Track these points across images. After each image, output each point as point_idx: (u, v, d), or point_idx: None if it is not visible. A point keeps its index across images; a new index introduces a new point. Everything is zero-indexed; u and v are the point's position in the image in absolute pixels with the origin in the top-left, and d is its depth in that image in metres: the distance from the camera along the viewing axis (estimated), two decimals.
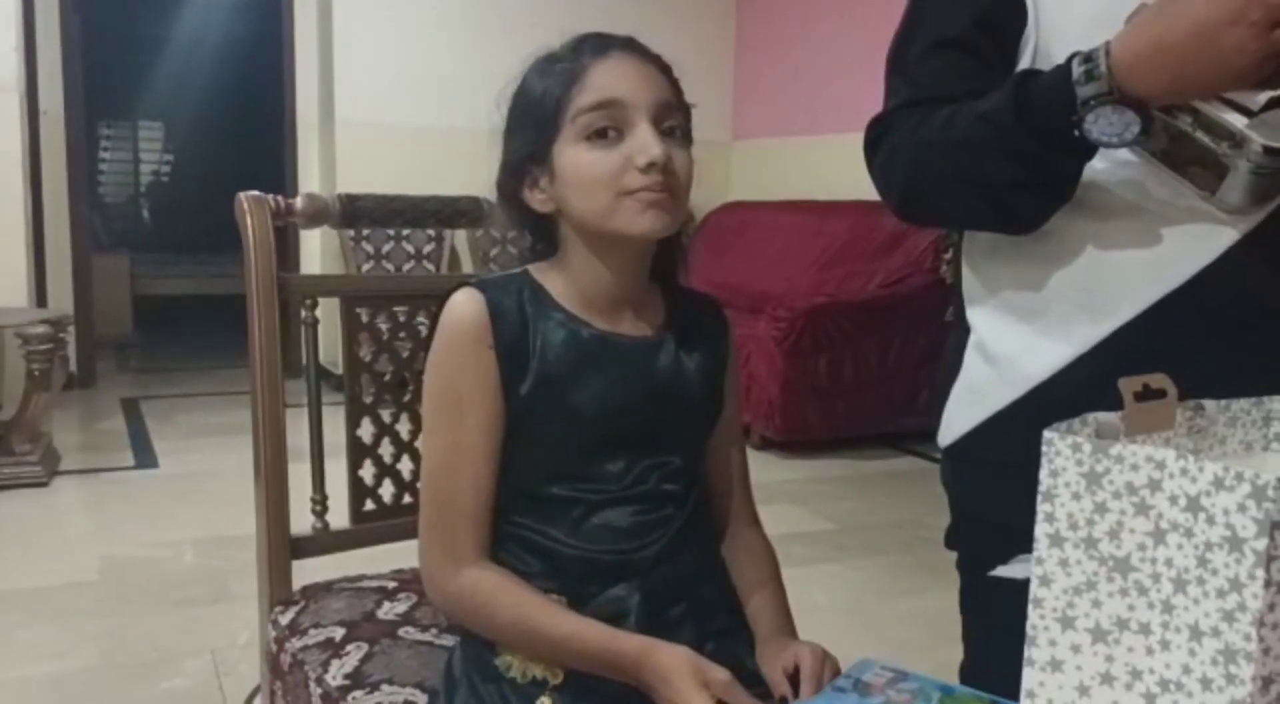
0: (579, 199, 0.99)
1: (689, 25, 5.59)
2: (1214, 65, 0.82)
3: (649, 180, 0.96)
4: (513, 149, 1.03)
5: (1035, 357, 0.99)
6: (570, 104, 0.97)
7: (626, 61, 1.00)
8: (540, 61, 1.03)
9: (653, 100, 0.98)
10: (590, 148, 0.97)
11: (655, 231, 0.98)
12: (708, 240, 5.38)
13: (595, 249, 1.02)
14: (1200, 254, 0.91)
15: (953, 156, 0.98)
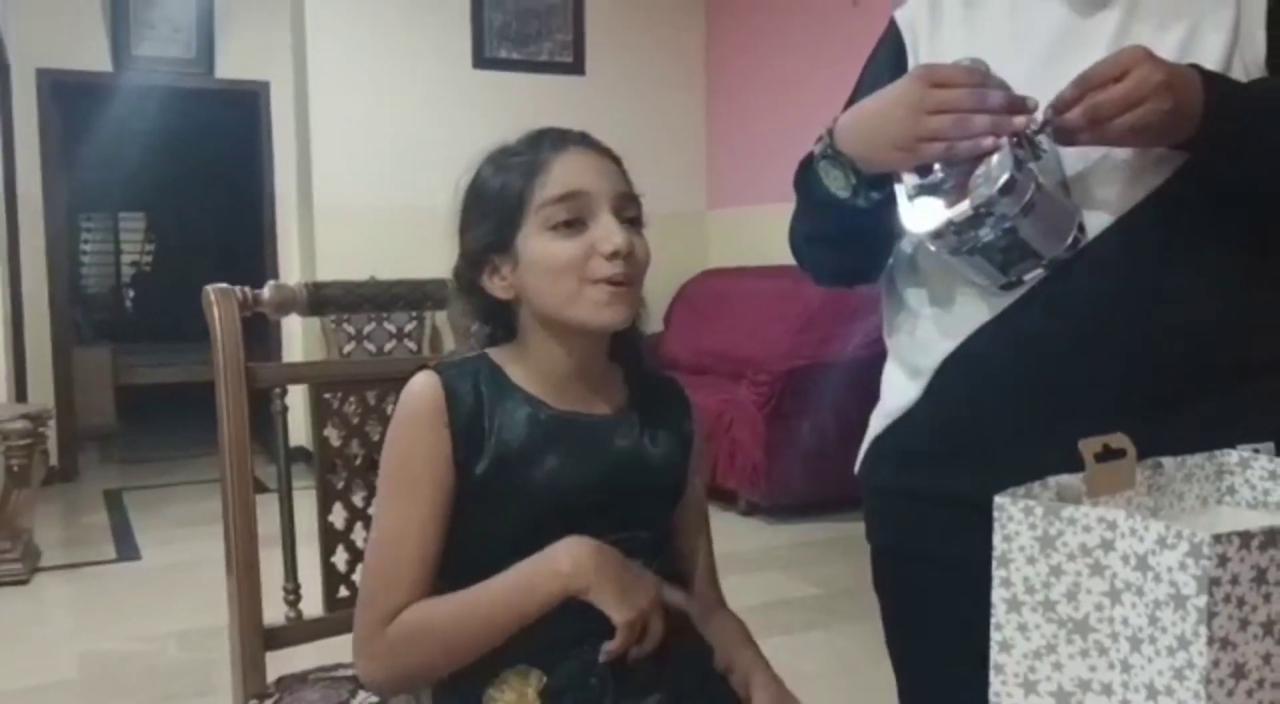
0: (544, 286, 1.01)
1: (660, 99, 5.70)
2: (885, 137, 0.93)
3: (613, 268, 0.99)
4: (473, 239, 1.06)
5: (892, 395, 1.11)
6: (534, 196, 1.01)
7: (584, 155, 1.03)
8: (496, 155, 1.06)
9: (613, 191, 1.02)
10: (556, 237, 1.00)
11: (615, 324, 1.01)
12: (686, 309, 5.41)
13: (554, 334, 1.04)
14: (970, 321, 1.00)
15: (794, 219, 1.14)
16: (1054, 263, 0.93)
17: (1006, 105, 0.90)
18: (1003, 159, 0.88)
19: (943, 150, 0.91)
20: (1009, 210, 0.87)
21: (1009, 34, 1.04)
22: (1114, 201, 0.95)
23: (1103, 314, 0.95)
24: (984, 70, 0.92)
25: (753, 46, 5.47)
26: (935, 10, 1.11)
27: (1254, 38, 0.94)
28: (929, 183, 0.92)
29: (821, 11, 4.88)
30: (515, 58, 5.39)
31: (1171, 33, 0.96)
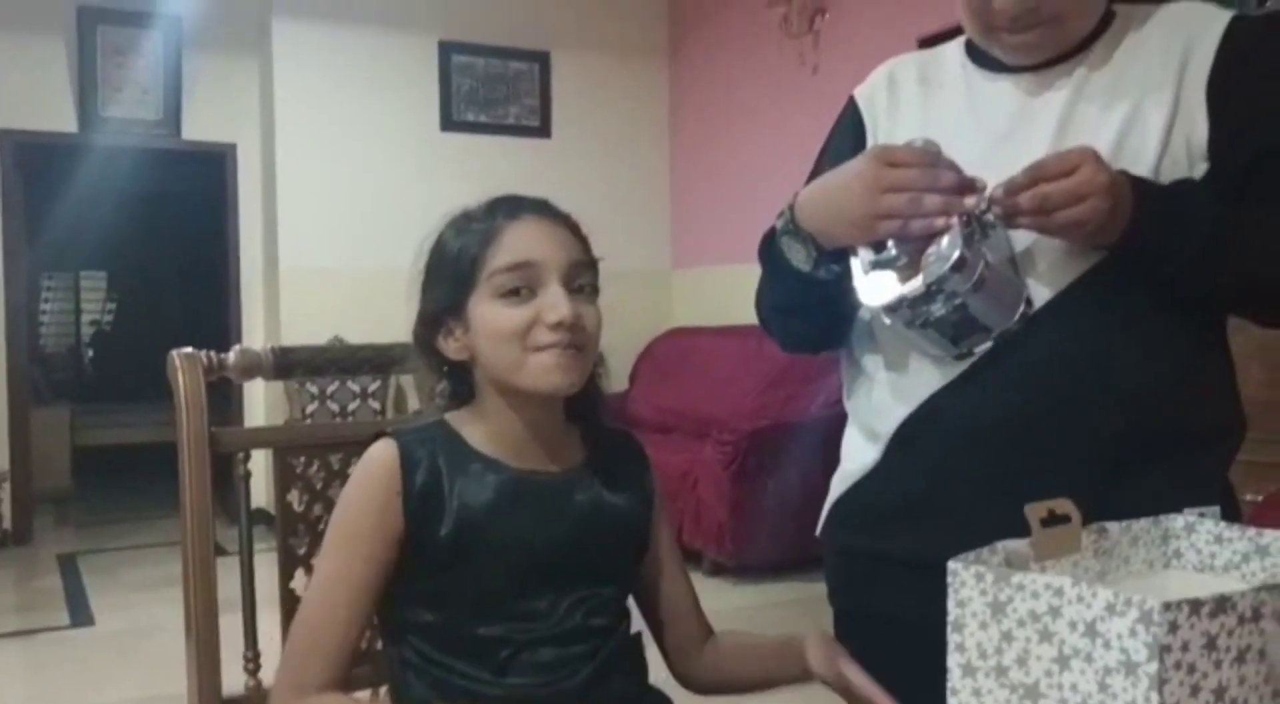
0: (491, 351, 1.04)
1: (625, 161, 5.78)
2: (843, 214, 0.97)
3: (557, 337, 1.02)
4: (430, 300, 1.08)
5: (851, 458, 1.14)
6: (486, 263, 1.03)
7: (538, 223, 1.06)
8: (457, 220, 1.09)
9: (564, 261, 1.04)
10: (503, 304, 1.03)
11: (559, 390, 1.03)
12: (651, 367, 5.44)
13: (508, 397, 1.06)
14: (924, 388, 1.03)
15: (759, 290, 1.18)
16: (1004, 335, 0.96)
17: (957, 186, 0.94)
18: (953, 238, 0.91)
19: (897, 228, 0.94)
20: (959, 287, 0.91)
21: (963, 113, 1.09)
22: (1058, 275, 0.99)
23: (1049, 383, 0.99)
24: (936, 151, 0.95)
25: (715, 111, 5.57)
26: (893, 90, 1.16)
27: (1193, 118, 0.99)
28: (884, 258, 0.96)
29: (781, 78, 4.99)
30: (483, 121, 5.45)
31: (1115, 112, 1.00)
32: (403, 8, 5.25)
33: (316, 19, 5.11)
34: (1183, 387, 1.01)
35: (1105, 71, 1.03)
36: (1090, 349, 0.99)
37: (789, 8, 4.84)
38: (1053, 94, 1.04)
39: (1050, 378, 0.99)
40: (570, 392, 1.05)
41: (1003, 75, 1.08)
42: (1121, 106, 1.00)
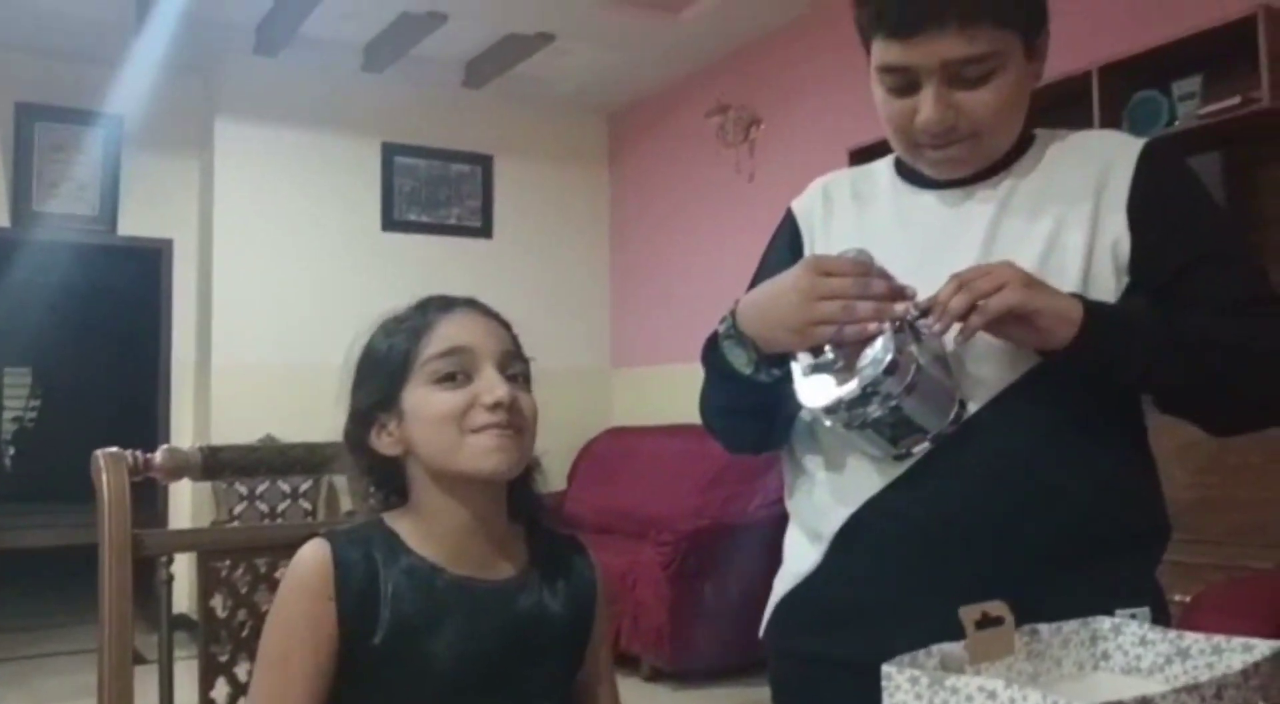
0: (427, 438, 1.02)
1: (566, 262, 5.84)
2: (780, 320, 1.01)
3: (495, 417, 1.01)
4: (360, 399, 1.08)
5: (793, 559, 1.15)
6: (419, 354, 1.04)
7: (471, 316, 1.07)
8: (387, 322, 1.10)
9: (497, 349, 1.05)
10: (439, 389, 1.03)
11: (499, 472, 1.02)
12: (590, 467, 5.41)
13: (446, 489, 1.04)
14: (865, 489, 1.05)
15: (703, 392, 1.20)
16: (939, 436, 0.98)
17: (889, 293, 0.97)
18: (886, 342, 0.94)
19: (832, 333, 0.97)
20: (893, 389, 0.93)
21: (893, 226, 1.13)
22: (992, 380, 1.02)
23: (984, 486, 1.01)
24: (868, 261, 0.99)
25: (654, 214, 5.68)
26: (828, 204, 1.20)
27: (1116, 236, 1.04)
28: (821, 362, 0.99)
29: (718, 184, 5.12)
30: (424, 220, 5.50)
31: (1039, 227, 1.05)
32: (347, 111, 5.31)
33: (260, 120, 5.15)
34: (1112, 491, 1.03)
35: (1027, 189, 1.08)
36: (1023, 454, 1.01)
37: (725, 118, 4.99)
38: (978, 208, 1.09)
39: (985, 481, 1.01)
40: (508, 475, 1.03)
41: (929, 190, 1.13)
42: (1044, 222, 1.05)
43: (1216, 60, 2.86)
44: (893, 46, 1.02)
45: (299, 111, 5.21)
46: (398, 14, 4.67)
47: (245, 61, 5.07)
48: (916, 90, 1.03)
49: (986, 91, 1.02)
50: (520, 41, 4.96)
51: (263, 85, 5.14)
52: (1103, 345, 0.97)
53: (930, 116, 1.03)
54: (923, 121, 1.04)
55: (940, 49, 1.00)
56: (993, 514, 1.00)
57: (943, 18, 0.98)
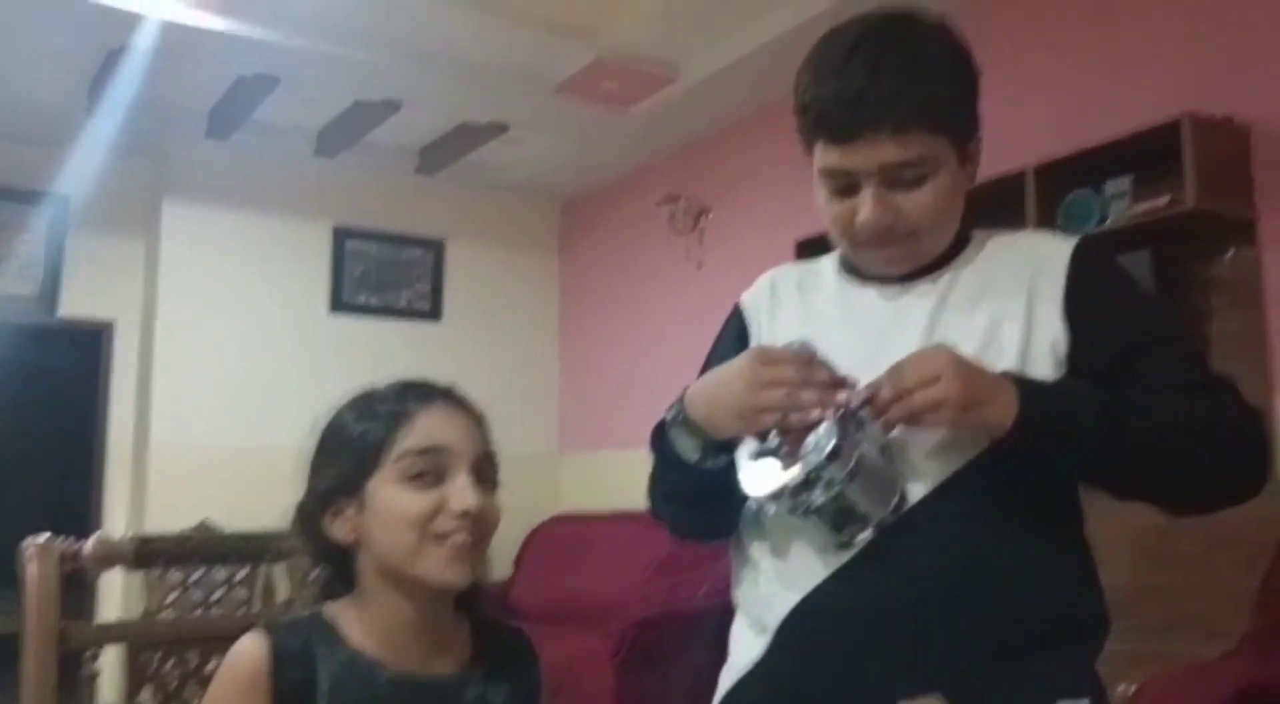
0: (388, 536, 1.00)
1: (515, 346, 5.84)
2: (727, 407, 1.03)
3: (460, 527, 1.00)
4: (323, 478, 1.05)
5: (739, 651, 1.15)
6: (395, 445, 1.02)
7: (450, 411, 1.06)
8: (360, 400, 1.07)
9: (473, 452, 1.04)
10: (409, 489, 1.00)
11: (454, 584, 1.01)
12: (537, 554, 5.33)
13: (394, 585, 1.02)
14: (810, 578, 1.06)
15: (651, 479, 1.20)
16: (882, 525, 0.99)
17: (831, 382, 0.99)
18: (829, 429, 0.96)
19: (777, 420, 1.00)
20: (836, 475, 0.95)
21: (837, 319, 1.16)
22: (933, 470, 1.03)
23: (926, 577, 1.02)
24: (812, 351, 1.02)
25: (604, 300, 5.73)
26: (775, 295, 1.24)
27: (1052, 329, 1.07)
28: (766, 449, 1.00)
29: (668, 272, 5.19)
30: (373, 303, 5.48)
31: (976, 321, 1.08)
32: (299, 194, 5.32)
33: (209, 202, 5.14)
34: (1051, 583, 1.05)
35: (965, 285, 1.12)
36: (964, 546, 1.03)
37: (676, 207, 5.08)
38: (918, 302, 1.12)
39: (927, 573, 1.02)
40: (462, 587, 1.02)
41: (871, 285, 1.16)
42: (981, 316, 1.09)
43: (1146, 162, 2.98)
44: (832, 151, 1.07)
45: (249, 194, 5.21)
46: (352, 102, 4.73)
47: (196, 145, 5.08)
48: (856, 192, 1.08)
49: (922, 193, 1.07)
50: (474, 130, 5.03)
51: (213, 168, 5.14)
52: (1044, 424, 0.99)
53: (869, 217, 1.07)
54: (862, 221, 1.08)
55: (877, 154, 1.04)
56: (935, 606, 1.01)
57: (878, 125, 1.03)
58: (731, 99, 4.52)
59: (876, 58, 1.05)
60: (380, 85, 4.51)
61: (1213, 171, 2.81)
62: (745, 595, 1.16)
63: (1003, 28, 3.55)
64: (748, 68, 4.15)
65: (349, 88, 4.57)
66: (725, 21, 3.97)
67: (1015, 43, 3.53)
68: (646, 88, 4.52)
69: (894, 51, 1.06)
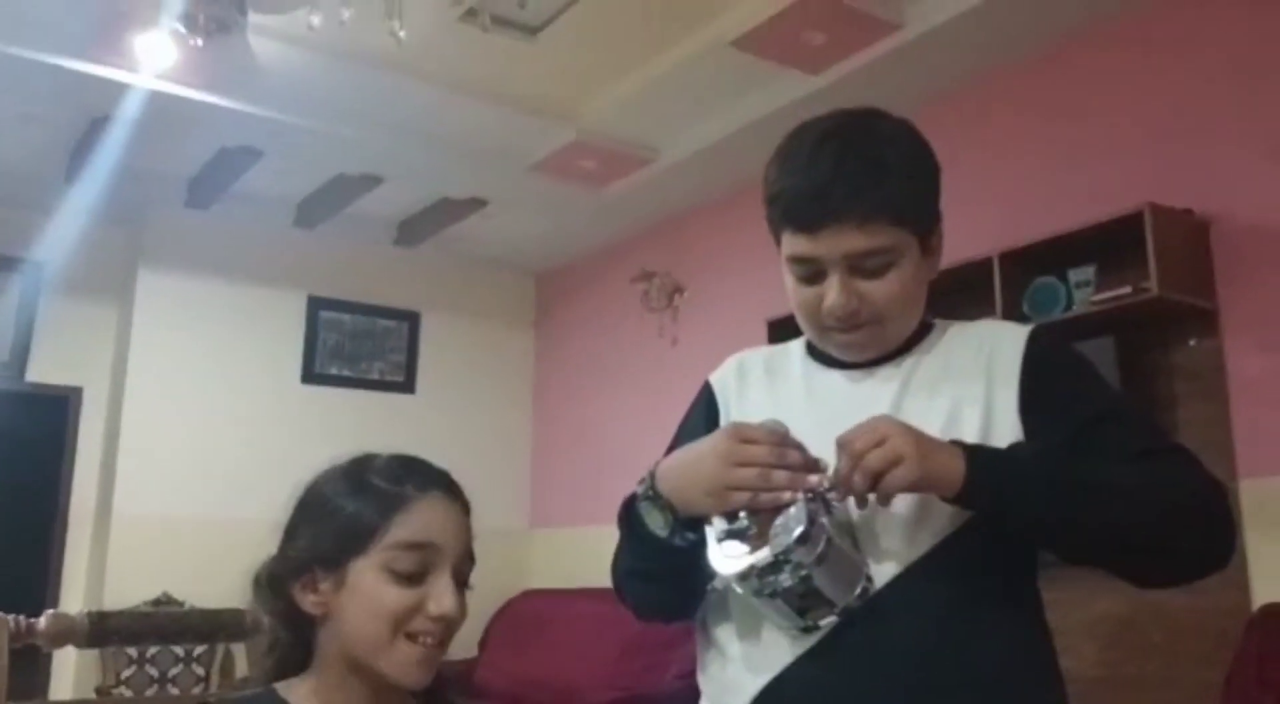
0: (360, 623, 0.99)
1: (488, 419, 5.82)
2: (698, 483, 1.03)
3: (434, 628, 0.99)
4: (303, 546, 1.02)
5: None
6: (387, 532, 1.00)
7: (445, 504, 1.04)
8: (355, 471, 1.05)
9: (459, 551, 1.03)
10: (392, 582, 0.99)
11: (418, 685, 1.00)
12: (505, 631, 5.24)
13: (354, 670, 1.00)
14: (775, 663, 1.06)
15: (616, 554, 1.19)
16: (847, 610, 1.00)
17: (803, 464, 1.00)
18: (799, 512, 0.96)
19: (747, 500, 1.00)
20: (804, 558, 0.95)
21: (802, 402, 1.18)
22: (900, 554, 1.04)
23: (890, 664, 1.02)
24: (785, 432, 1.03)
25: (578, 376, 5.73)
26: (742, 376, 1.26)
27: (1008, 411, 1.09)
28: (736, 528, 1.00)
29: (642, 348, 5.21)
30: (346, 374, 5.46)
31: (937, 404, 1.11)
32: (275, 264, 5.34)
33: (185, 271, 5.14)
34: (1013, 670, 1.05)
35: (926, 370, 1.15)
36: (928, 633, 1.03)
37: (650, 284, 5.13)
38: (882, 387, 1.15)
39: (890, 659, 1.02)
40: (422, 687, 1.01)
41: (836, 369, 1.19)
42: (942, 400, 1.11)
43: (1109, 251, 3.05)
44: (800, 240, 1.11)
45: (225, 264, 5.22)
46: (333, 175, 4.78)
47: (175, 214, 5.11)
48: (823, 279, 1.11)
49: (886, 282, 1.10)
50: (453, 205, 5.09)
51: (190, 237, 5.16)
52: (992, 479, 1.00)
53: (835, 302, 1.10)
54: (829, 307, 1.11)
55: (842, 243, 1.08)
56: (898, 692, 1.01)
57: (843, 216, 1.07)
58: (707, 180, 4.60)
59: (842, 152, 1.09)
60: (362, 159, 4.56)
61: (1174, 261, 2.88)
62: (710, 679, 1.15)
63: (973, 118, 3.66)
64: (723, 150, 4.24)
65: (331, 161, 4.62)
66: (701, 105, 4.07)
67: (986, 132, 3.63)
68: (624, 167, 4.60)
69: (859, 146, 1.10)
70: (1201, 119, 3.08)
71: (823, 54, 3.54)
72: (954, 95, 3.69)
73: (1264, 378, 2.86)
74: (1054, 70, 3.50)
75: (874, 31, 3.39)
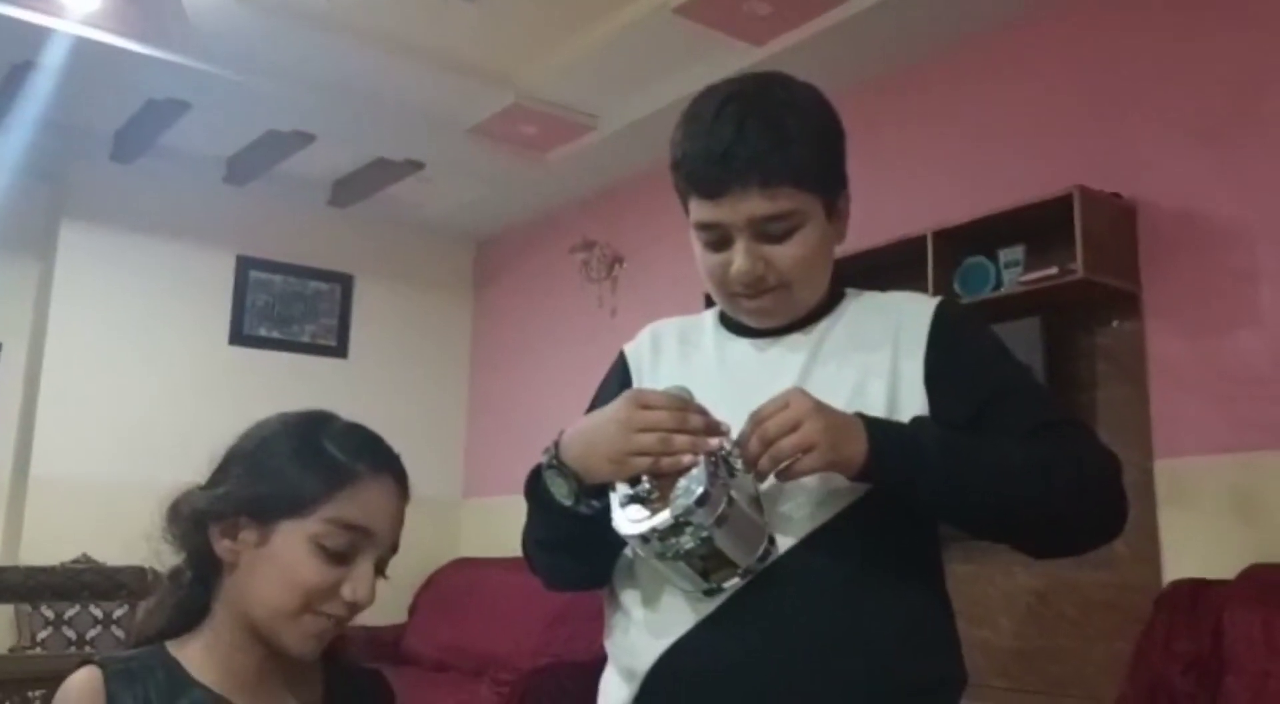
0: (270, 587, 0.97)
1: (422, 387, 5.76)
2: (600, 450, 1.03)
3: (342, 611, 0.99)
4: (236, 492, 1.00)
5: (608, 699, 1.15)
6: (329, 504, 0.98)
7: (392, 491, 1.04)
8: (311, 432, 1.03)
9: (389, 540, 1.03)
10: (318, 557, 0.97)
11: (308, 657, 1.00)
12: (433, 599, 5.22)
13: (249, 628, 0.98)
14: (678, 626, 1.06)
15: (526, 525, 1.20)
16: (749, 572, 1.00)
17: (705, 428, 1.00)
18: (700, 475, 0.96)
19: (648, 464, 1.00)
20: (704, 520, 0.95)
21: (713, 370, 1.18)
22: (802, 522, 1.05)
23: (790, 628, 1.02)
24: (687, 397, 1.03)
25: (515, 345, 5.70)
26: (656, 346, 1.26)
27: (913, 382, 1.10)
28: (638, 493, 1.00)
29: (580, 319, 5.19)
30: (275, 336, 5.36)
31: (845, 375, 1.11)
32: (203, 222, 5.21)
33: (110, 226, 5.00)
34: (912, 637, 1.06)
35: (834, 339, 1.15)
36: (827, 598, 1.04)
37: (590, 254, 5.10)
38: (790, 355, 1.15)
39: (790, 625, 1.03)
40: (311, 659, 1.00)
41: (746, 338, 1.19)
42: (850, 371, 1.12)
43: (1039, 233, 3.09)
44: (705, 206, 1.11)
45: (152, 220, 5.08)
46: (264, 131, 4.67)
47: (99, 168, 4.96)
48: (729, 245, 1.12)
49: (790, 246, 1.10)
50: (389, 166, 5.00)
51: (116, 193, 5.01)
52: (892, 456, 1.01)
53: (741, 267, 1.10)
54: (735, 272, 1.11)
55: (745, 207, 1.08)
56: (796, 657, 1.02)
57: (745, 180, 1.07)
58: (648, 149, 4.56)
59: (743, 115, 1.09)
60: (294, 117, 4.46)
61: (1101, 244, 2.92)
62: (616, 644, 1.15)
63: (913, 97, 3.67)
64: (664, 120, 4.13)
65: (262, 117, 4.51)
66: (643, 73, 4.03)
67: (924, 111, 3.65)
68: (565, 134, 4.55)
69: (761, 110, 1.10)
70: (1131, 104, 3.13)
71: (766, 25, 3.52)
72: (895, 74, 3.70)
73: (1182, 361, 2.92)
74: (991, 52, 3.52)
75: (820, 4, 3.39)
